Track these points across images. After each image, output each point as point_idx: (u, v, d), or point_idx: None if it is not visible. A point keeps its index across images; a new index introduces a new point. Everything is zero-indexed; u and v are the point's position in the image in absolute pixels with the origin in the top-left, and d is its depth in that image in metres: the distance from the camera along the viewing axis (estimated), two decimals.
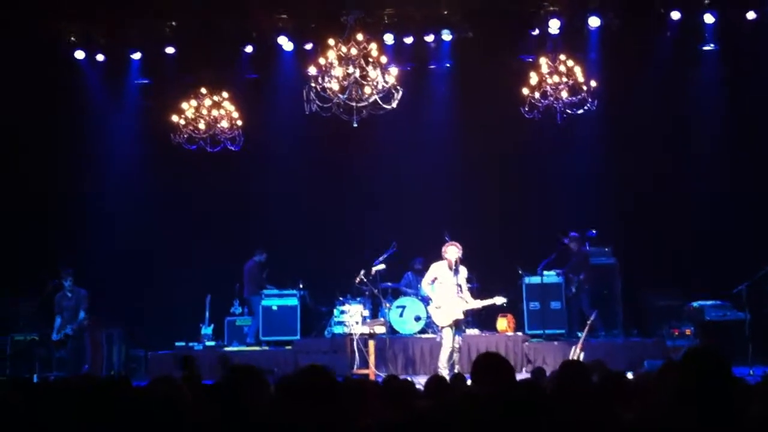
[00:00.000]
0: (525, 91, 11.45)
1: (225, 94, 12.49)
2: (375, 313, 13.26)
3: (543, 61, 11.51)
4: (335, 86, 9.90)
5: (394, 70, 10.34)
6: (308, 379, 3.80)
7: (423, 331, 13.19)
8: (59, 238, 14.53)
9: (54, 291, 12.91)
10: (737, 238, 13.07)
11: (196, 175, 14.48)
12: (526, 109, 11.47)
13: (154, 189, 15.15)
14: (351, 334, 11.58)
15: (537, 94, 11.36)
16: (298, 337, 13.74)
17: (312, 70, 10.13)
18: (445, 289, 10.92)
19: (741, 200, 13.62)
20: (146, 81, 14.93)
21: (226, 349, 13.76)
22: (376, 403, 4.39)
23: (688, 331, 12.37)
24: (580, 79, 11.24)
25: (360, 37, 10.04)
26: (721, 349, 3.74)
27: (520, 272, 13.59)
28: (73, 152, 14.96)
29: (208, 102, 12.29)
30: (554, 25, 13.27)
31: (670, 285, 13.32)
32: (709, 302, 12.62)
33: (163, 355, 13.47)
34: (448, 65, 14.65)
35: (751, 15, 13.24)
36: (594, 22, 13.42)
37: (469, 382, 5.81)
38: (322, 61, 9.98)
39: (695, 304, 12.73)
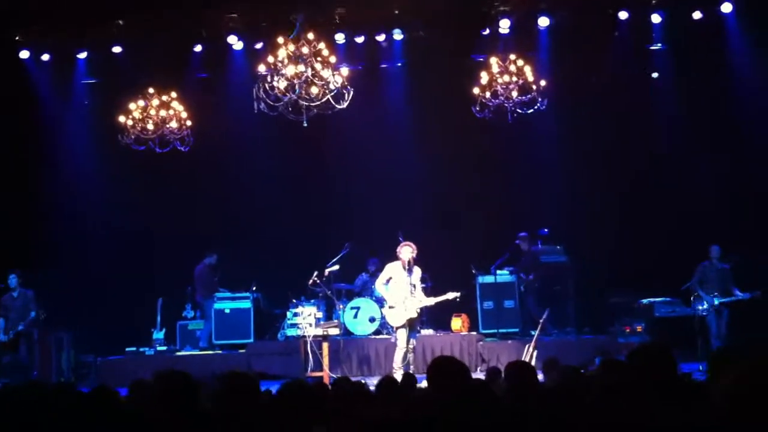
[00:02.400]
0: (476, 90, 11.47)
1: (173, 94, 12.30)
2: (329, 314, 13.17)
3: (494, 60, 11.55)
4: (284, 85, 9.80)
5: (344, 70, 10.29)
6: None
7: (378, 332, 13.15)
8: (5, 239, 14.19)
9: (2, 296, 12.63)
10: (687, 235, 13.25)
11: (145, 176, 14.26)
12: (477, 108, 11.49)
13: (103, 190, 14.88)
14: (305, 337, 11.47)
15: (488, 94, 11.39)
16: (251, 340, 13.59)
17: (261, 69, 10.03)
18: (399, 289, 10.88)
19: (690, 197, 13.84)
20: (94, 80, 14.65)
21: (179, 353, 13.58)
22: (326, 408, 4.34)
23: (639, 328, 12.53)
24: (530, 78, 11.30)
25: (310, 36, 9.97)
26: (668, 345, 3.75)
27: (473, 271, 13.62)
28: (21, 153, 14.64)
29: (156, 102, 12.09)
30: (505, 25, 13.32)
31: (622, 282, 13.45)
32: (659, 299, 12.81)
33: (114, 360, 13.26)
34: (399, 64, 14.64)
35: (697, 15, 13.44)
36: (543, 21, 13.51)
37: (422, 384, 5.79)
38: (271, 59, 9.88)
39: (645, 300, 12.91)
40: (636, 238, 13.89)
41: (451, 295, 11.03)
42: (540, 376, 6.56)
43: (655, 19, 13.59)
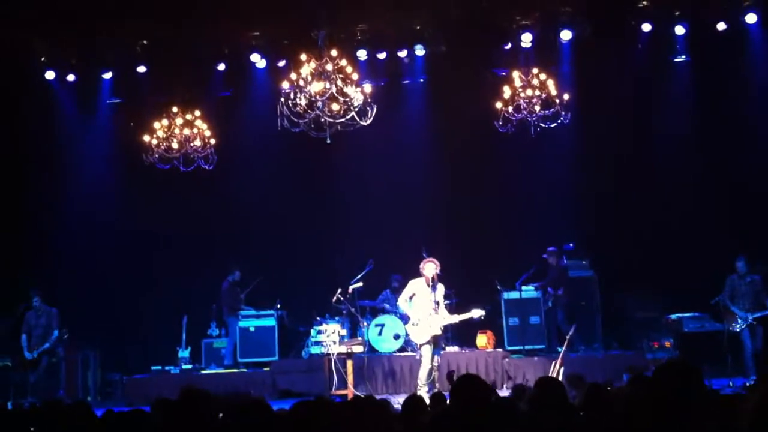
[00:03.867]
0: (498, 104, 11.44)
1: (197, 113, 12.37)
2: (354, 332, 13.12)
3: (516, 74, 11.52)
4: (306, 102, 9.82)
5: (367, 86, 10.29)
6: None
7: (402, 349, 13.05)
8: (31, 259, 14.33)
9: (25, 313, 12.70)
10: (714, 249, 13.05)
11: (170, 194, 14.32)
12: (500, 122, 11.45)
13: (129, 209, 14.96)
14: (329, 354, 11.42)
15: (510, 108, 11.35)
16: (276, 357, 13.56)
17: (285, 85, 10.05)
18: (423, 306, 10.80)
19: (717, 212, 13.64)
20: (118, 100, 14.78)
21: (204, 372, 13.57)
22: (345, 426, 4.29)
23: (667, 344, 12.35)
24: (553, 92, 11.26)
25: (333, 53, 9.99)
26: (696, 361, 3.67)
27: (498, 287, 13.51)
28: (46, 173, 14.83)
29: (179, 121, 12.16)
30: (526, 39, 13.28)
31: (649, 297, 13.29)
32: (687, 314, 12.61)
33: (139, 379, 13.28)
34: (421, 80, 14.64)
35: (721, 26, 13.32)
36: (566, 35, 13.46)
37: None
38: (294, 76, 9.91)
39: (673, 316, 12.72)
40: (663, 252, 13.70)
41: (475, 313, 10.94)
42: None
43: (679, 31, 13.49)
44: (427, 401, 6.87)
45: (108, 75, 14.40)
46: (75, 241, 14.69)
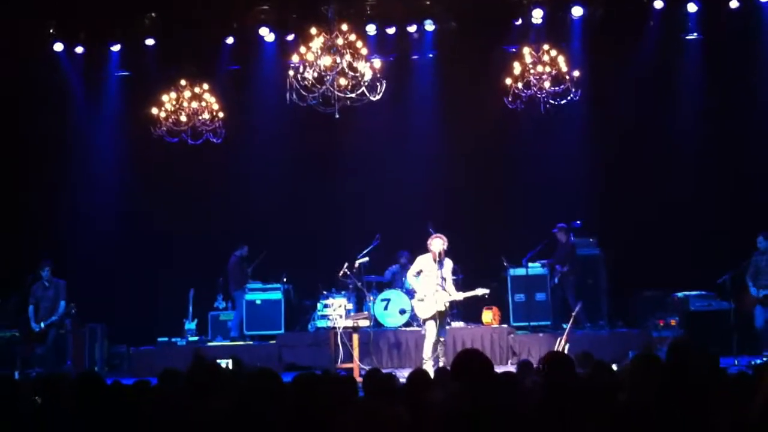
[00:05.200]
0: (508, 81, 11.38)
1: (205, 86, 12.35)
2: (360, 306, 13.17)
3: (526, 51, 11.46)
4: (315, 77, 9.79)
5: (377, 62, 10.25)
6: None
7: (408, 324, 13.10)
8: (38, 233, 14.39)
9: (33, 285, 12.74)
10: (721, 228, 13.04)
11: (177, 167, 14.34)
12: (510, 99, 11.40)
13: (136, 182, 15.03)
14: (335, 328, 11.48)
15: (520, 84, 11.30)
16: (282, 331, 13.64)
17: (295, 59, 10.03)
18: (429, 282, 10.81)
19: (725, 190, 13.61)
20: (126, 73, 14.77)
21: (210, 344, 13.65)
22: (353, 400, 4.31)
23: (673, 322, 12.32)
24: (564, 68, 11.19)
25: (344, 27, 9.94)
26: (702, 339, 3.67)
27: (505, 264, 13.53)
28: (53, 146, 14.82)
29: (188, 94, 12.15)
30: (537, 15, 13.18)
31: (655, 275, 13.26)
32: (694, 292, 12.59)
33: (146, 350, 13.36)
34: (431, 56, 14.57)
35: (734, 4, 13.21)
36: (577, 11, 13.35)
37: None
38: (303, 50, 9.87)
39: (680, 294, 12.70)
40: (670, 230, 13.68)
41: (480, 292, 10.95)
42: None
43: (691, 8, 13.39)
44: (432, 376, 6.90)
45: (116, 47, 14.37)
46: (82, 214, 14.74)
